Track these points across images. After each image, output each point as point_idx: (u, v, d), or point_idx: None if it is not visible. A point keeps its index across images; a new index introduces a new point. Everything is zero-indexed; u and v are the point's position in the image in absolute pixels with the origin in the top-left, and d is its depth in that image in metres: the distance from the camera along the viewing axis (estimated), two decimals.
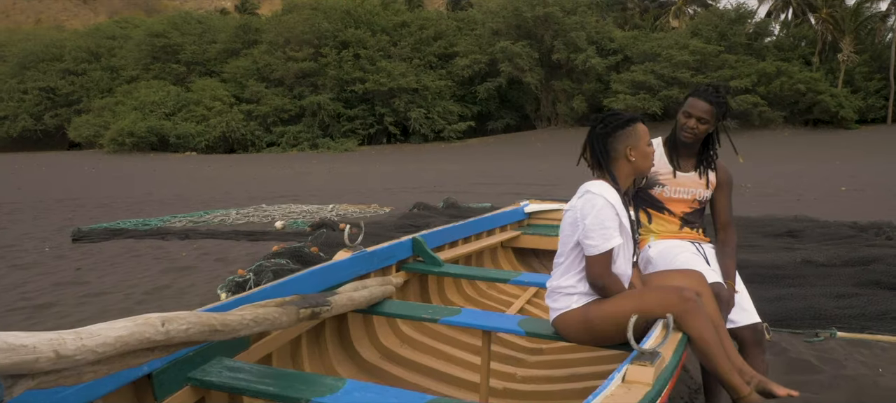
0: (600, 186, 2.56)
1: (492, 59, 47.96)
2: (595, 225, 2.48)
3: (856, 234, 8.03)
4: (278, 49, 47.88)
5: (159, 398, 2.13)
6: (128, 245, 8.29)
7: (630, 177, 2.67)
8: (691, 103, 3.15)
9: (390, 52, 49.30)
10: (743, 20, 48.28)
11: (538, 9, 46.89)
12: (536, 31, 48.05)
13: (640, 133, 2.66)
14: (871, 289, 5.25)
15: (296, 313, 2.27)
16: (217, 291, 5.56)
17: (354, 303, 2.81)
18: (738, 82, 43.18)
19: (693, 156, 3.25)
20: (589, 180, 2.64)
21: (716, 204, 3.29)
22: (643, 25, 55.07)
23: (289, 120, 47.39)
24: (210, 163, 34.80)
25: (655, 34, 50.69)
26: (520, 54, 46.64)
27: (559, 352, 3.78)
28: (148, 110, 46.26)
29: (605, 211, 2.50)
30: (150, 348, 1.61)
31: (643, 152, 2.64)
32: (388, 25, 50.86)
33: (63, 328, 4.25)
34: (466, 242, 4.96)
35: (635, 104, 44.96)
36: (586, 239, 2.50)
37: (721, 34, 46.67)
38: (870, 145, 35.16)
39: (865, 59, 46.39)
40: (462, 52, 49.27)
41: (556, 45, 47.17)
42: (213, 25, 55.41)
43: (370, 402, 1.98)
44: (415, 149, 46.62)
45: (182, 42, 51.68)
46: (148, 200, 15.08)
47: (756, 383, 2.38)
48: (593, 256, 2.50)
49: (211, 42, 52.75)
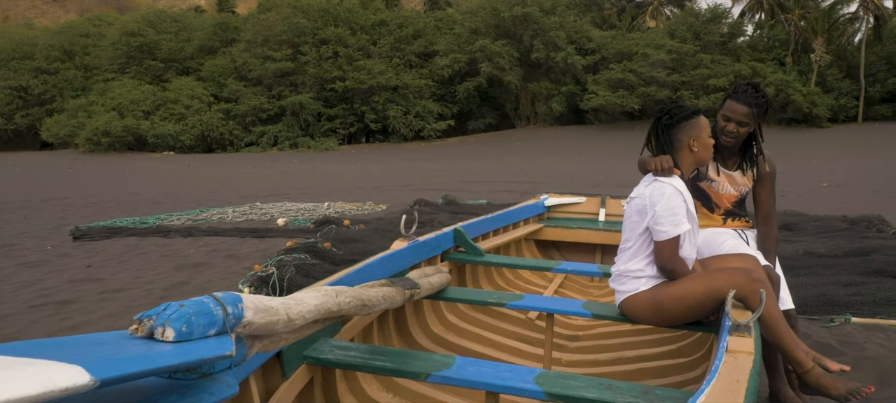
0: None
1: (471, 58, 48.14)
2: (665, 212, 2.60)
3: (848, 227, 8.27)
4: (257, 47, 47.63)
5: (286, 375, 2.24)
6: (131, 243, 8.26)
7: (692, 167, 2.79)
8: (729, 106, 3.15)
9: (370, 50, 49.28)
10: (718, 20, 49.01)
11: (517, 8, 47.19)
12: (515, 31, 48.34)
13: (703, 125, 2.78)
14: (875, 278, 5.46)
15: (404, 294, 2.38)
16: (239, 286, 5.60)
17: (433, 288, 2.94)
18: (714, 81, 43.90)
19: (736, 154, 3.31)
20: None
21: (757, 196, 3.34)
22: (620, 25, 55.63)
23: (268, 119, 47.16)
24: (190, 163, 34.51)
25: (632, 34, 51.25)
26: (499, 53, 46.87)
27: (619, 335, 3.94)
28: (125, 110, 45.72)
29: (675, 198, 2.62)
30: (325, 318, 1.69)
31: (705, 143, 2.77)
32: (367, 24, 50.83)
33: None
34: (496, 234, 5.10)
35: (614, 101, 45.47)
36: (657, 224, 2.62)
37: (696, 34, 47.34)
38: (843, 143, 35.96)
39: (837, 60, 47.38)
40: (441, 51, 49.39)
41: (536, 45, 47.49)
42: (190, 23, 54.97)
43: (486, 376, 2.09)
44: (395, 148, 46.64)
45: (158, 40, 51.16)
46: (136, 199, 14.97)
47: (812, 357, 2.51)
48: (663, 241, 2.62)
49: (187, 40, 52.29)
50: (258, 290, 5.38)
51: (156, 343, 1.34)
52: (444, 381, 2.14)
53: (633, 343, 3.74)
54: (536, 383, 2.05)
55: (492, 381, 2.08)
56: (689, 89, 44.85)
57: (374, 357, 2.23)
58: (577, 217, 6.06)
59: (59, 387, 1.00)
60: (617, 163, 27.82)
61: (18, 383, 0.96)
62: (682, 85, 45.10)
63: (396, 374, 2.18)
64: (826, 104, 44.43)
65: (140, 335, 1.37)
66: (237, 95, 47.52)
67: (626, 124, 47.60)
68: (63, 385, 1.00)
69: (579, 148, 39.59)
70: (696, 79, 44.60)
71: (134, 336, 1.37)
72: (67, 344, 1.21)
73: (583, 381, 2.10)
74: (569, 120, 50.99)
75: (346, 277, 2.79)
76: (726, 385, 1.61)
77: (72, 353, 1.13)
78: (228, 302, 1.44)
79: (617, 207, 6.01)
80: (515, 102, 51.77)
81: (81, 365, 1.07)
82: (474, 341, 3.67)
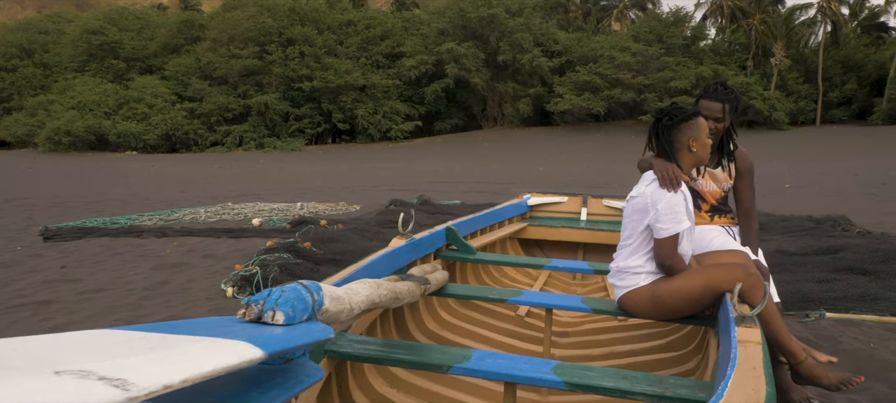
0: None
1: (439, 59, 48.21)
2: (667, 210, 2.69)
3: (815, 227, 8.53)
4: (222, 46, 47.05)
5: None
6: (104, 243, 8.13)
7: (692, 166, 2.87)
8: (704, 105, 3.29)
9: (337, 50, 49.03)
10: (681, 24, 49.84)
11: (483, 10, 47.39)
12: (482, 32, 48.55)
13: (701, 126, 2.87)
14: (846, 275, 5.65)
15: (419, 289, 2.42)
16: (221, 286, 5.57)
17: (438, 284, 2.98)
18: (677, 83, 44.62)
19: (714, 152, 3.41)
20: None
21: (737, 192, 3.47)
22: (586, 28, 56.25)
23: (234, 119, 46.64)
24: (155, 163, 33.97)
25: (598, 37, 51.86)
26: (466, 55, 47.02)
27: (608, 330, 4.02)
28: (86, 109, 44.78)
29: (677, 197, 2.71)
30: (367, 309, 1.73)
31: (703, 143, 2.86)
32: (334, 23, 50.58)
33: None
34: (483, 233, 5.16)
35: (580, 104, 45.95)
36: (658, 222, 2.71)
37: (660, 37, 48.08)
38: (802, 145, 36.86)
39: (796, 65, 48.57)
40: (409, 51, 49.39)
41: (502, 47, 47.75)
42: (153, 21, 54.06)
43: (505, 367, 2.13)
44: (362, 148, 46.49)
45: (120, 38, 50.23)
46: (103, 199, 14.71)
47: (803, 349, 2.62)
48: (664, 239, 2.71)
49: (150, 38, 51.43)
50: (242, 290, 5.37)
51: (267, 326, 1.36)
52: (464, 373, 2.18)
53: (623, 338, 3.83)
54: (555, 373, 2.11)
55: (511, 372, 2.13)
56: (653, 92, 45.54)
57: (394, 351, 2.26)
58: (560, 216, 6.16)
59: (244, 359, 1.03)
60: (586, 165, 28.13)
61: (209, 357, 0.98)
62: (646, 87, 45.77)
63: (418, 367, 2.21)
64: (785, 107, 45.51)
65: (248, 319, 1.39)
66: (202, 94, 46.89)
67: (592, 126, 48.15)
68: (247, 357, 1.03)
69: (547, 149, 39.92)
70: (660, 81, 45.32)
71: (243, 320, 1.40)
72: (190, 327, 1.22)
73: (599, 372, 2.16)
74: (535, 121, 51.40)
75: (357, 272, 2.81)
76: (746, 372, 1.68)
77: (210, 332, 1.14)
78: (314, 290, 1.49)
79: (598, 207, 6.11)
80: (482, 104, 51.99)
81: (249, 341, 1.09)
82: (472, 337, 3.72)
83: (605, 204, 6.07)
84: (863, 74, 49.22)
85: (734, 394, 1.56)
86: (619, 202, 6.08)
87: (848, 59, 49.71)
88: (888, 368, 3.75)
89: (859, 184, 16.58)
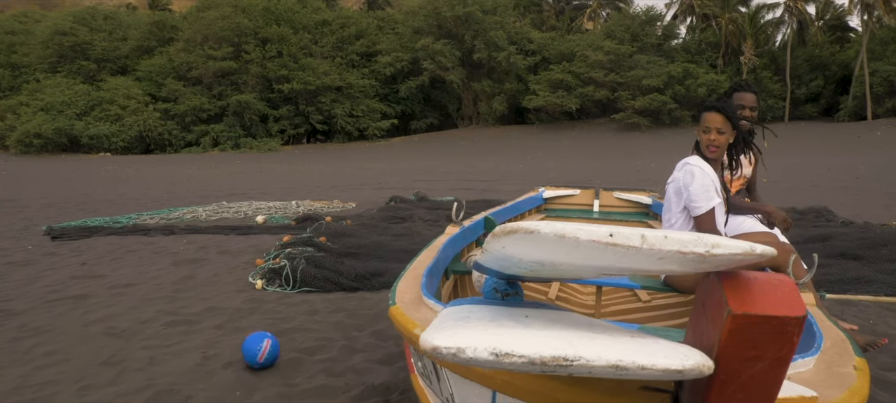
0: (695, 159, 3.13)
1: (414, 58, 48.40)
2: (698, 189, 3.04)
3: (801, 217, 8.96)
4: (196, 47, 46.68)
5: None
6: (113, 241, 8.25)
7: (707, 150, 3.17)
8: (740, 97, 3.72)
9: (312, 50, 48.94)
10: (653, 22, 50.62)
11: (458, 8, 47.67)
12: (457, 31, 48.83)
13: (702, 118, 3.21)
14: (838, 260, 6.04)
15: None
16: (249, 279, 5.76)
17: None
18: (649, 81, 45.34)
19: (741, 143, 3.78)
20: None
21: (751, 176, 3.95)
22: (559, 27, 56.83)
23: (209, 119, 46.32)
24: (131, 164, 33.68)
25: (571, 35, 52.46)
26: (442, 52, 47.25)
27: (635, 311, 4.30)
28: (56, 110, 44.12)
29: (704, 177, 3.06)
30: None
31: (701, 131, 3.20)
32: (309, 23, 50.46)
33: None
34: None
35: (554, 101, 46.47)
36: (693, 202, 3.03)
37: (634, 36, 48.80)
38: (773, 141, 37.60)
39: (765, 62, 49.65)
40: (384, 50, 49.49)
41: (477, 45, 48.09)
42: (124, 21, 53.36)
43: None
44: (340, 148, 46.50)
45: (91, 39, 49.54)
46: (90, 200, 14.67)
47: None
48: (702, 215, 3.04)
49: (122, 39, 50.83)
50: (270, 282, 5.57)
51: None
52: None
53: (649, 318, 4.13)
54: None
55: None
56: (626, 90, 46.25)
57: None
58: (574, 208, 6.44)
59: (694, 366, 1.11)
60: (564, 162, 28.56)
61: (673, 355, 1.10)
62: (619, 85, 46.46)
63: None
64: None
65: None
66: (176, 95, 46.50)
67: (566, 124, 48.72)
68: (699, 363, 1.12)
69: (523, 147, 40.34)
70: (633, 79, 46.03)
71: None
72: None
73: (678, 334, 2.41)
74: (510, 120, 51.84)
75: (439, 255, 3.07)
76: (828, 327, 1.98)
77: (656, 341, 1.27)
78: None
79: (609, 198, 6.41)
80: (457, 103, 52.29)
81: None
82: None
83: (616, 196, 6.38)
84: (828, 73, 50.52)
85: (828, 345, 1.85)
86: (628, 194, 6.38)
87: (814, 58, 50.97)
88: (890, 341, 4.11)
89: (833, 179, 17.20)
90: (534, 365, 1.09)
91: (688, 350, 1.11)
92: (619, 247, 1.12)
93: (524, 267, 1.47)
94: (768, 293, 1.06)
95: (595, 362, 1.07)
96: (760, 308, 1.04)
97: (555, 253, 1.22)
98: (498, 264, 1.53)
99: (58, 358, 3.87)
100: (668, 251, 1.12)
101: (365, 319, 4.62)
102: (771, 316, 1.04)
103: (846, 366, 1.67)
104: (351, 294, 5.37)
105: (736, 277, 1.14)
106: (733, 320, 1.06)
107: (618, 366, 1.07)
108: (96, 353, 3.94)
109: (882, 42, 47.48)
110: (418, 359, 2.05)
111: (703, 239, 1.12)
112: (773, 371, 1.07)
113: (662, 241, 1.11)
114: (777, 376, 1.08)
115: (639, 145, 38.98)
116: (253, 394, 3.29)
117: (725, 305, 1.07)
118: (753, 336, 1.06)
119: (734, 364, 1.08)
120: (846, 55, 51.39)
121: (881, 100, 46.22)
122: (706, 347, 1.13)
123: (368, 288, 5.49)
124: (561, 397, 1.34)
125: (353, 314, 4.77)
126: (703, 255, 1.11)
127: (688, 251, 1.11)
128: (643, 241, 1.11)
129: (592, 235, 1.12)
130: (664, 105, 45.19)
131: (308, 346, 4.03)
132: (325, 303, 5.06)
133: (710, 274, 1.21)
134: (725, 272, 1.17)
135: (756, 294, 1.06)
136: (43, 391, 3.37)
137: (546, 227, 1.17)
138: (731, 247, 1.11)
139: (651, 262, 1.19)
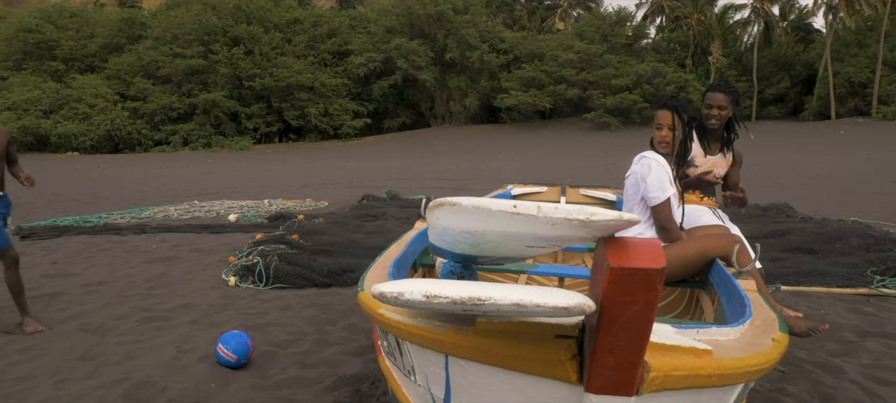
0: (651, 153, 3.32)
1: (387, 57, 48.38)
2: (654, 181, 3.24)
3: (762, 213, 9.25)
4: (165, 45, 46.18)
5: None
6: (84, 240, 8.24)
7: (659, 145, 3.38)
8: (710, 97, 3.92)
9: (284, 49, 48.68)
10: (623, 23, 51.19)
11: (430, 7, 47.76)
12: (430, 30, 48.92)
13: (656, 116, 3.44)
14: (794, 254, 6.28)
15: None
16: (223, 276, 5.83)
17: None
18: (619, 81, 45.87)
19: (718, 140, 4.00)
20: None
21: (730, 177, 4.10)
22: (531, 26, 57.20)
23: (178, 118, 45.87)
24: (100, 163, 33.25)
25: (543, 35, 52.84)
26: (415, 51, 47.30)
27: None
28: (22, 109, 43.34)
29: (660, 169, 3.26)
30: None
31: (655, 128, 3.42)
32: (280, 22, 50.16)
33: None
34: None
35: (527, 100, 46.78)
36: (649, 192, 3.22)
37: (604, 35, 49.31)
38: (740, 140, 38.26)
39: (732, 62, 50.52)
40: (357, 49, 49.40)
41: (449, 44, 48.23)
42: (91, 19, 52.54)
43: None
44: (312, 147, 46.34)
45: (58, 37, 48.74)
46: (59, 199, 14.53)
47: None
48: (658, 205, 3.23)
49: (90, 37, 50.08)
50: (244, 279, 5.64)
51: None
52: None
53: None
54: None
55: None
56: (596, 88, 46.71)
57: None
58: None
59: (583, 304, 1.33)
60: (536, 161, 28.82)
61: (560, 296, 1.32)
62: (590, 84, 46.91)
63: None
64: None
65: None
66: (145, 94, 45.96)
67: (539, 123, 49.09)
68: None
69: (496, 146, 40.57)
70: (603, 78, 46.50)
71: None
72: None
73: None
74: (483, 119, 52.07)
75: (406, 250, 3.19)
76: (760, 306, 2.15)
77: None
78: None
79: (575, 195, 6.56)
80: (430, 102, 52.39)
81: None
82: None
83: (582, 192, 6.53)
84: (794, 73, 51.57)
85: (757, 320, 2.01)
86: (594, 190, 6.54)
87: (780, 58, 52.00)
88: (839, 329, 4.33)
89: (796, 177, 17.64)
90: (455, 305, 1.33)
91: (573, 293, 1.34)
92: (521, 216, 1.39)
93: (461, 239, 1.74)
94: (639, 252, 1.31)
95: (501, 301, 1.31)
96: (631, 262, 1.28)
97: (475, 221, 1.51)
98: (441, 240, 1.87)
99: (33, 354, 3.93)
100: (559, 218, 1.38)
101: (338, 314, 4.73)
102: (638, 268, 1.27)
103: (765, 338, 1.87)
104: (324, 290, 5.47)
105: (616, 241, 1.38)
106: (611, 272, 1.29)
107: (519, 304, 1.30)
108: (72, 348, 4.00)
109: (845, 43, 48.59)
110: (383, 338, 2.21)
111: (585, 209, 1.38)
112: (644, 312, 1.30)
113: (553, 211, 1.38)
114: (649, 316, 1.31)
115: (610, 145, 39.40)
116: (228, 385, 3.38)
117: (606, 261, 1.30)
118: (626, 284, 1.29)
119: (615, 308, 1.31)
120: (810, 56, 52.49)
121: (844, 100, 47.32)
122: (596, 296, 1.36)
123: (341, 283, 5.59)
124: (498, 351, 1.55)
125: (326, 309, 4.87)
126: (585, 221, 1.37)
127: (573, 218, 1.36)
128: (539, 211, 1.38)
129: (501, 206, 1.40)
130: (634, 104, 45.75)
131: (281, 340, 4.13)
132: (298, 299, 5.15)
133: (600, 240, 1.45)
134: (610, 238, 1.40)
135: (630, 252, 1.31)
136: (19, 385, 3.43)
137: (466, 200, 1.44)
138: (605, 215, 1.37)
139: (547, 228, 1.44)
